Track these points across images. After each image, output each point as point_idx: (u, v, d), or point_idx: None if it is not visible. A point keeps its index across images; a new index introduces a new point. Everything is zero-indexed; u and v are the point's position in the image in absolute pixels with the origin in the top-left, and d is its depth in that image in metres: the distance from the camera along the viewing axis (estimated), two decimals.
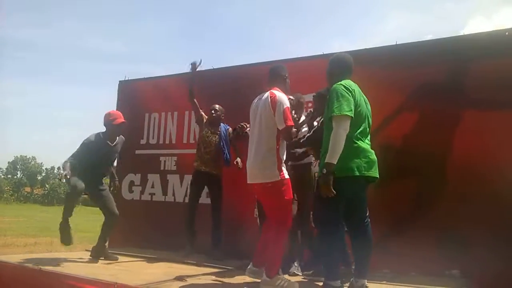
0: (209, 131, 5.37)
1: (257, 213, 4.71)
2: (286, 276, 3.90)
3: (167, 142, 6.59)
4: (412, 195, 4.60)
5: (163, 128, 6.65)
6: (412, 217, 4.55)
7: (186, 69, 5.10)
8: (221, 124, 5.44)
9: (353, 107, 3.23)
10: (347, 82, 3.37)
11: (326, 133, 3.32)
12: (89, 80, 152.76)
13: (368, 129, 3.42)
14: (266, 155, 3.54)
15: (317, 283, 3.88)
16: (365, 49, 5.08)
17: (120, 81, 7.20)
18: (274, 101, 3.54)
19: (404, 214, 4.59)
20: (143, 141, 6.80)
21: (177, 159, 6.43)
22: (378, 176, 3.37)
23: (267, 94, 3.63)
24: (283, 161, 3.59)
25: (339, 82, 3.35)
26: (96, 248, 5.03)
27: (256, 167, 3.58)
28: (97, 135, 5.03)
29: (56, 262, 4.54)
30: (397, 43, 4.99)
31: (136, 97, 7.02)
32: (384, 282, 3.90)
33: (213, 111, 5.40)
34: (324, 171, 3.16)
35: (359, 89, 3.41)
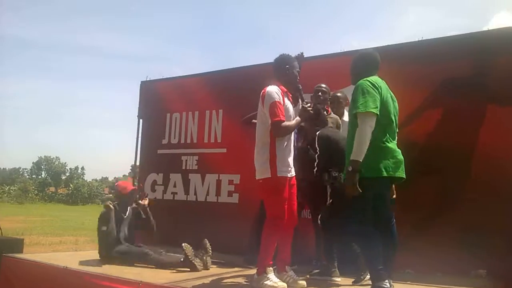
0: None
1: None
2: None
3: (188, 141, 6.62)
4: (437, 193, 4.53)
5: (184, 127, 6.68)
6: (436, 216, 4.48)
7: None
8: None
9: (378, 104, 3.15)
10: (374, 78, 3.29)
11: (351, 131, 3.28)
12: (113, 81, 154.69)
13: (395, 128, 3.35)
14: (259, 151, 3.52)
15: (327, 282, 3.88)
16: (389, 45, 5.01)
17: (142, 81, 7.27)
18: (263, 97, 3.52)
19: (428, 213, 4.52)
20: (165, 141, 6.84)
21: (198, 158, 6.46)
22: (404, 177, 3.30)
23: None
24: (280, 158, 3.47)
25: (365, 78, 3.27)
26: None
27: (255, 163, 3.58)
28: (106, 211, 4.97)
29: (81, 261, 4.60)
30: (422, 38, 4.91)
31: (157, 97, 7.08)
32: (409, 282, 3.85)
33: (320, 93, 4.49)
34: (350, 168, 3.10)
35: (386, 86, 3.35)
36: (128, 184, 5.29)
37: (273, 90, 3.51)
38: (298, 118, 3.59)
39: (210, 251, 4.59)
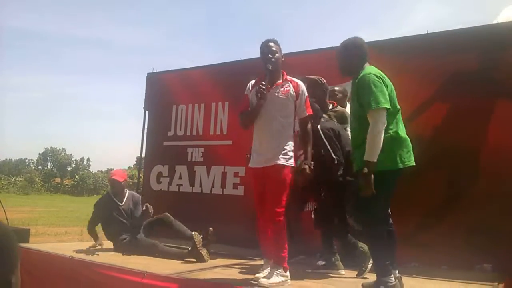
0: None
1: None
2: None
3: (194, 133, 6.61)
4: (443, 187, 4.51)
5: (190, 120, 6.67)
6: (443, 210, 4.46)
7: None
8: None
9: (388, 97, 3.09)
10: (374, 70, 3.23)
11: (356, 123, 3.24)
12: (117, 73, 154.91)
13: (400, 115, 3.28)
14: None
15: (331, 275, 3.90)
16: (396, 38, 4.98)
17: (148, 73, 7.26)
18: None
19: (434, 206, 4.50)
20: (170, 133, 6.84)
21: (204, 150, 6.46)
22: (414, 164, 3.23)
23: None
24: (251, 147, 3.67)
25: (369, 71, 3.20)
26: None
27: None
28: (105, 196, 5.33)
29: (87, 251, 4.63)
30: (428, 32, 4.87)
31: (163, 89, 7.07)
32: (414, 275, 3.84)
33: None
34: (365, 170, 3.03)
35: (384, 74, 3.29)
36: (123, 173, 5.41)
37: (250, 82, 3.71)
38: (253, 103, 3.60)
39: (212, 239, 4.66)
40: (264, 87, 3.47)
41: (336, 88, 4.57)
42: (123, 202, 5.21)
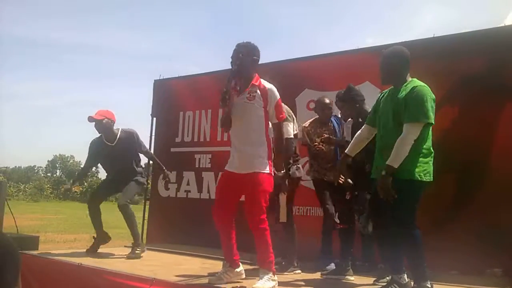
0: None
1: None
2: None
3: (201, 140, 6.63)
4: (452, 190, 4.48)
5: (198, 126, 6.69)
6: (452, 214, 4.44)
7: None
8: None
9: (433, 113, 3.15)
10: (423, 84, 3.24)
11: (394, 132, 3.21)
12: (126, 80, 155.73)
13: None
14: None
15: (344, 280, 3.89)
16: (403, 42, 4.95)
17: (155, 80, 7.30)
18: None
19: (444, 211, 4.48)
20: (178, 139, 6.86)
21: (212, 156, 6.47)
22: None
23: None
24: None
25: (422, 84, 3.21)
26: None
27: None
28: (98, 137, 5.12)
29: (95, 258, 4.64)
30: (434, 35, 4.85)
31: (170, 95, 7.10)
32: None
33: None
34: (384, 173, 3.09)
35: None
36: (104, 112, 5.06)
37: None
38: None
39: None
40: (225, 93, 3.42)
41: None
42: (114, 142, 5.00)
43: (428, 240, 4.27)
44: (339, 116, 4.53)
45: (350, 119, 4.17)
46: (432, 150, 3.25)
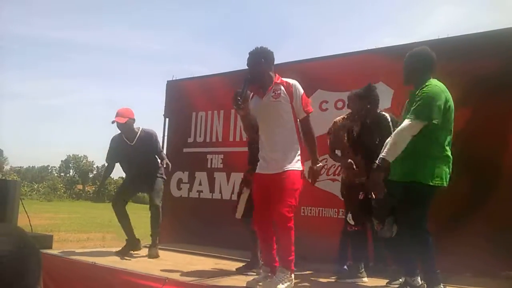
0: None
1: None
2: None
3: (213, 140, 6.65)
4: (466, 192, 4.43)
5: (210, 126, 6.71)
6: (466, 215, 4.39)
7: None
8: None
9: (440, 114, 3.08)
10: (440, 84, 3.20)
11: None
12: (140, 80, 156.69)
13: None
14: None
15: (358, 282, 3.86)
16: (416, 42, 4.91)
17: (168, 81, 7.33)
18: None
19: (458, 212, 4.43)
20: (190, 140, 6.88)
21: (224, 157, 6.48)
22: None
23: None
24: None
25: (434, 84, 3.18)
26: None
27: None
28: (118, 134, 5.11)
29: (109, 257, 4.67)
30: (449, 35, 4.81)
31: (183, 96, 7.13)
32: None
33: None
34: (376, 166, 3.08)
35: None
36: (125, 112, 5.02)
37: None
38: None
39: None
40: (239, 99, 3.44)
41: None
42: (134, 141, 5.03)
43: (441, 243, 4.24)
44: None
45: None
46: (449, 155, 3.19)
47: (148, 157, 5.09)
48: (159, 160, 5.13)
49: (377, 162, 3.10)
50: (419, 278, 3.29)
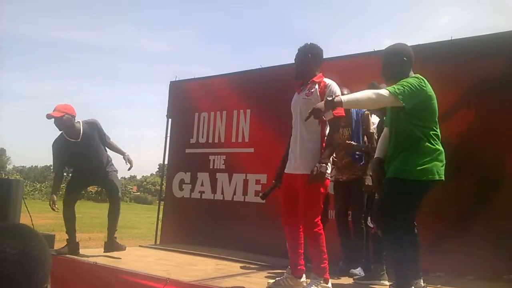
0: None
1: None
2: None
3: (216, 141, 6.65)
4: (469, 195, 4.43)
5: (212, 127, 6.72)
6: (468, 218, 4.38)
7: None
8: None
9: (411, 99, 2.98)
10: (421, 77, 3.13)
11: (393, 135, 3.17)
12: (140, 81, 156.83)
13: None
14: None
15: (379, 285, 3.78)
16: (420, 44, 4.91)
17: (171, 81, 7.35)
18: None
19: (460, 215, 4.43)
20: (192, 140, 6.89)
21: (226, 158, 6.48)
22: (444, 179, 3.15)
23: None
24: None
25: (414, 76, 3.13)
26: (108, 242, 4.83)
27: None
28: (59, 137, 4.68)
29: (110, 257, 4.67)
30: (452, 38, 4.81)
31: (186, 97, 7.14)
32: (439, 286, 3.77)
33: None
34: (329, 98, 2.99)
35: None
36: (63, 106, 4.58)
37: None
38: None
39: None
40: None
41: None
42: (80, 138, 4.59)
43: (443, 245, 4.25)
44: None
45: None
46: (438, 148, 3.09)
47: (98, 150, 4.71)
48: (108, 153, 4.81)
49: (329, 98, 3.00)
50: (421, 280, 3.24)
